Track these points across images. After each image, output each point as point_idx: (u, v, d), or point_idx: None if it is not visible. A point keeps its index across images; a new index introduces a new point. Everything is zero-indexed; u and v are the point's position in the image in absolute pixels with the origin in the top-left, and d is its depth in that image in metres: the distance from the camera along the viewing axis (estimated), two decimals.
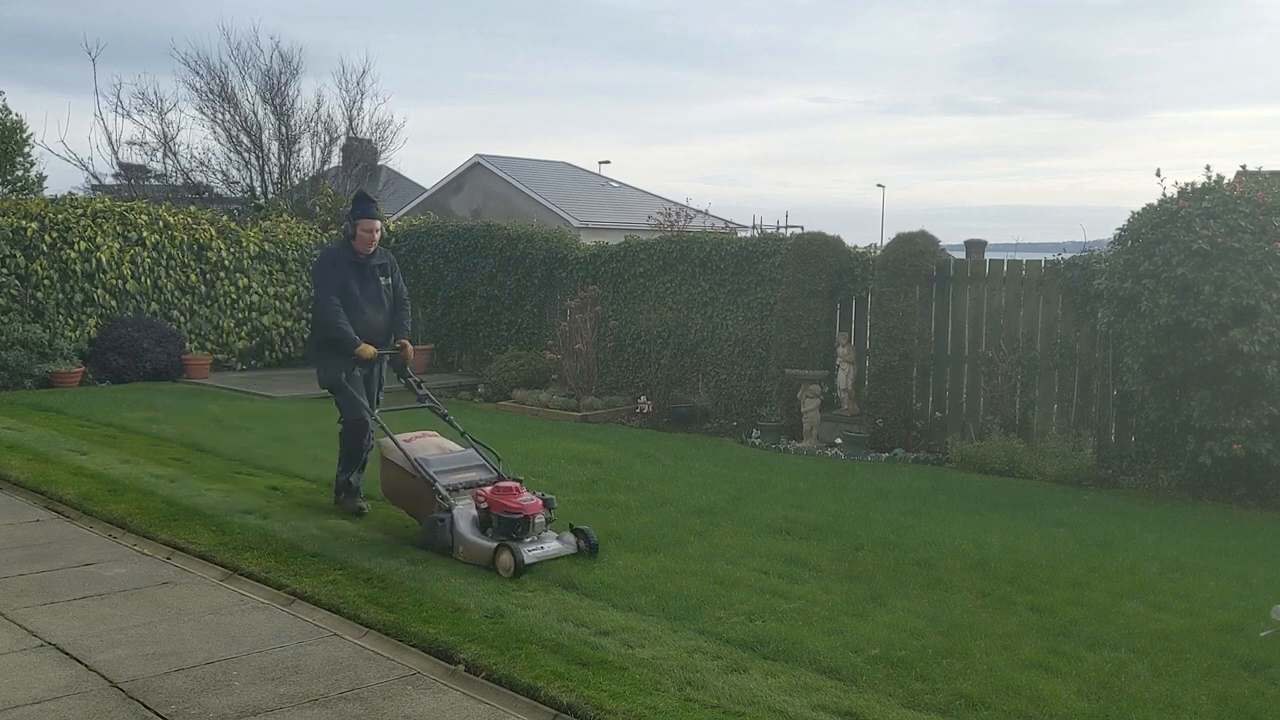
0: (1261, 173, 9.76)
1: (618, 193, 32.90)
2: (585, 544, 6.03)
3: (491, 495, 6.01)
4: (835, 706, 4.19)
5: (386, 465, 6.63)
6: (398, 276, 7.29)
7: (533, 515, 5.90)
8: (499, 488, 6.10)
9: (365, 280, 6.99)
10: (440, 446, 6.65)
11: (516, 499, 5.96)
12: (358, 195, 7.25)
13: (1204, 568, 6.35)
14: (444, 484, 6.19)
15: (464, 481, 6.30)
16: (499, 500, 5.96)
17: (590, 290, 13.14)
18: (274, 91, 20.57)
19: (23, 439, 9.31)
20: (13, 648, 4.71)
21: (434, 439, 6.75)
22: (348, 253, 6.98)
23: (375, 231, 6.98)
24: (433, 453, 6.52)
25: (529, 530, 5.86)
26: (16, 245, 12.92)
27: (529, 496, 6.04)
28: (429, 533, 6.07)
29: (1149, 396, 8.89)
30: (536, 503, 5.99)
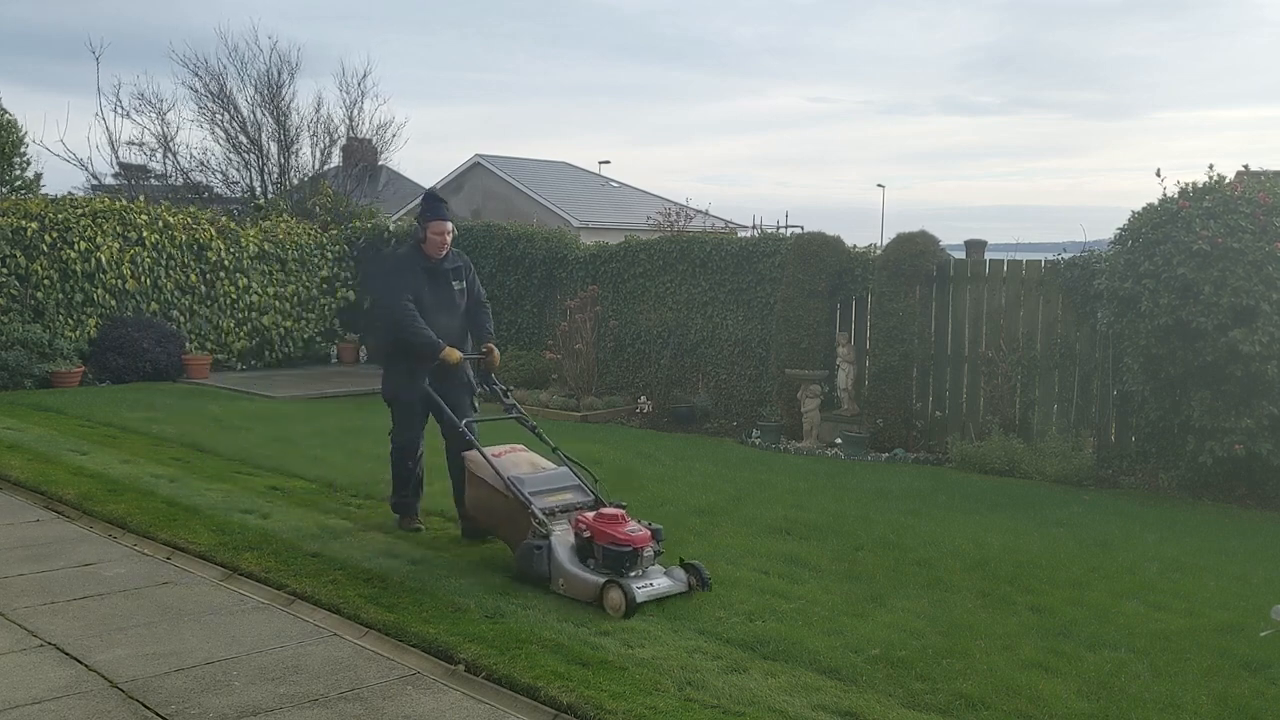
0: (1263, 173, 9.76)
1: (618, 193, 32.90)
2: (697, 580, 5.45)
3: (595, 523, 5.43)
4: (835, 706, 4.19)
5: (475, 482, 6.09)
6: (473, 278, 6.80)
7: (641, 548, 5.32)
8: (603, 515, 5.50)
9: (438, 285, 6.52)
10: (533, 463, 6.13)
11: (623, 528, 5.38)
12: (427, 196, 6.75)
13: (1204, 568, 6.35)
14: (540, 507, 5.66)
15: (560, 505, 5.77)
16: (604, 529, 5.39)
17: (590, 290, 13.14)
18: (272, 93, 20.58)
19: (23, 439, 9.31)
20: (13, 648, 4.71)
21: (525, 454, 6.21)
22: (418, 258, 6.51)
23: (447, 234, 6.52)
24: (525, 470, 5.99)
25: (637, 564, 5.30)
26: (16, 245, 12.93)
27: (636, 526, 5.45)
28: (523, 561, 5.53)
29: (1149, 396, 8.89)
30: (645, 534, 5.40)
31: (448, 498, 7.44)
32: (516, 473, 5.90)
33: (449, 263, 6.61)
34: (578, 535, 5.51)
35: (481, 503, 6.07)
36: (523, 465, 6.06)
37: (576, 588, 5.32)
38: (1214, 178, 8.72)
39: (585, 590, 5.28)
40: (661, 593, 5.29)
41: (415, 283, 6.43)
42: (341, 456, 8.93)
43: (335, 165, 22.13)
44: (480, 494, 6.05)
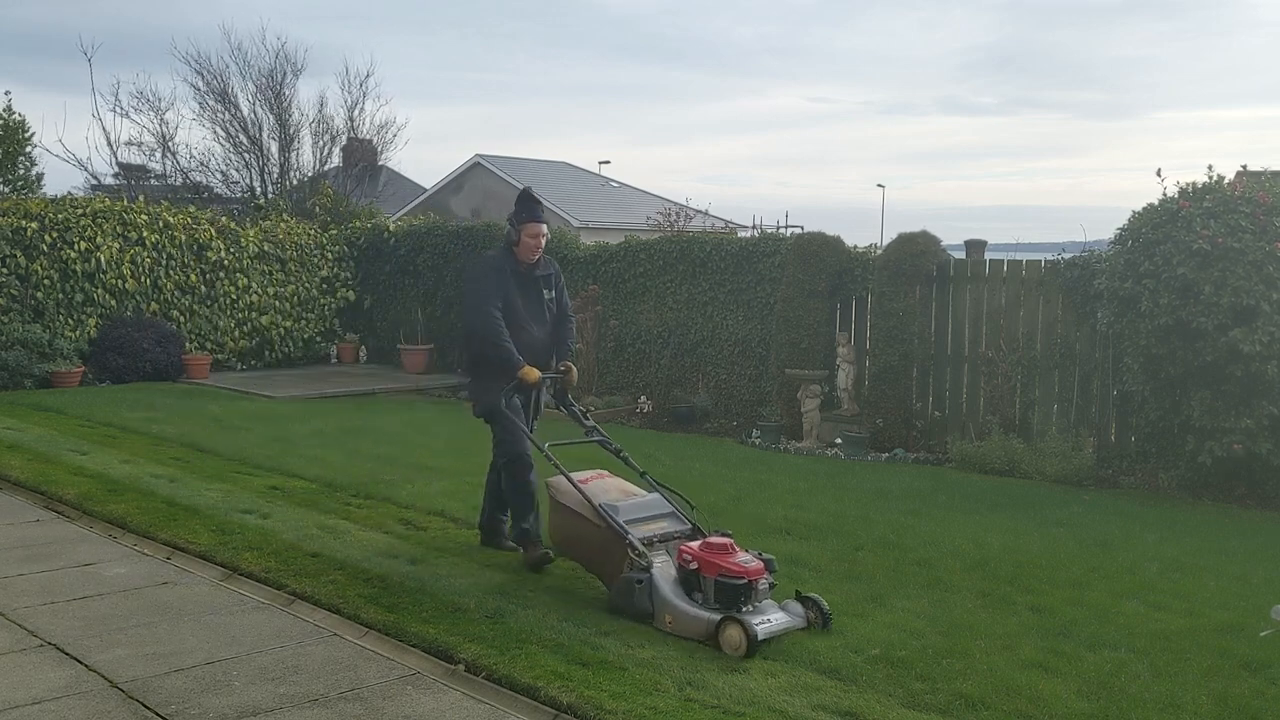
0: (1263, 173, 9.76)
1: (618, 193, 32.91)
2: (817, 615, 5.01)
3: (703, 554, 5.00)
4: (835, 706, 4.19)
5: (559, 510, 5.64)
6: (562, 288, 6.35)
7: (756, 580, 4.90)
8: (710, 544, 5.05)
9: (529, 293, 6.09)
10: (623, 489, 5.67)
11: (735, 559, 4.95)
12: (522, 195, 6.23)
13: (1204, 568, 6.35)
14: (637, 537, 5.22)
15: (657, 534, 5.34)
16: (714, 560, 4.95)
17: (590, 290, 13.13)
18: (274, 92, 20.60)
19: (23, 439, 9.31)
20: (13, 648, 4.71)
21: (613, 480, 5.77)
22: (509, 261, 6.06)
23: (542, 237, 6.06)
24: (616, 497, 5.54)
25: (751, 597, 4.89)
26: (16, 245, 12.93)
27: (747, 556, 5.01)
28: (622, 596, 5.12)
29: (1149, 396, 8.89)
30: (758, 565, 4.96)
31: (447, 498, 7.45)
32: (607, 499, 5.45)
33: (540, 269, 6.18)
34: (682, 567, 5.07)
35: (568, 532, 5.60)
36: (612, 491, 5.60)
37: (686, 625, 4.88)
38: (1214, 178, 8.73)
39: (697, 628, 4.85)
40: (780, 629, 4.85)
41: (506, 288, 6.00)
42: (341, 456, 8.93)
43: (335, 165, 22.15)
44: (566, 522, 5.59)
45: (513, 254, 6.08)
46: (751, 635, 4.64)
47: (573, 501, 5.53)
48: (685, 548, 5.12)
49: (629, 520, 5.33)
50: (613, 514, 5.34)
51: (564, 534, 5.69)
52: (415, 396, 13.57)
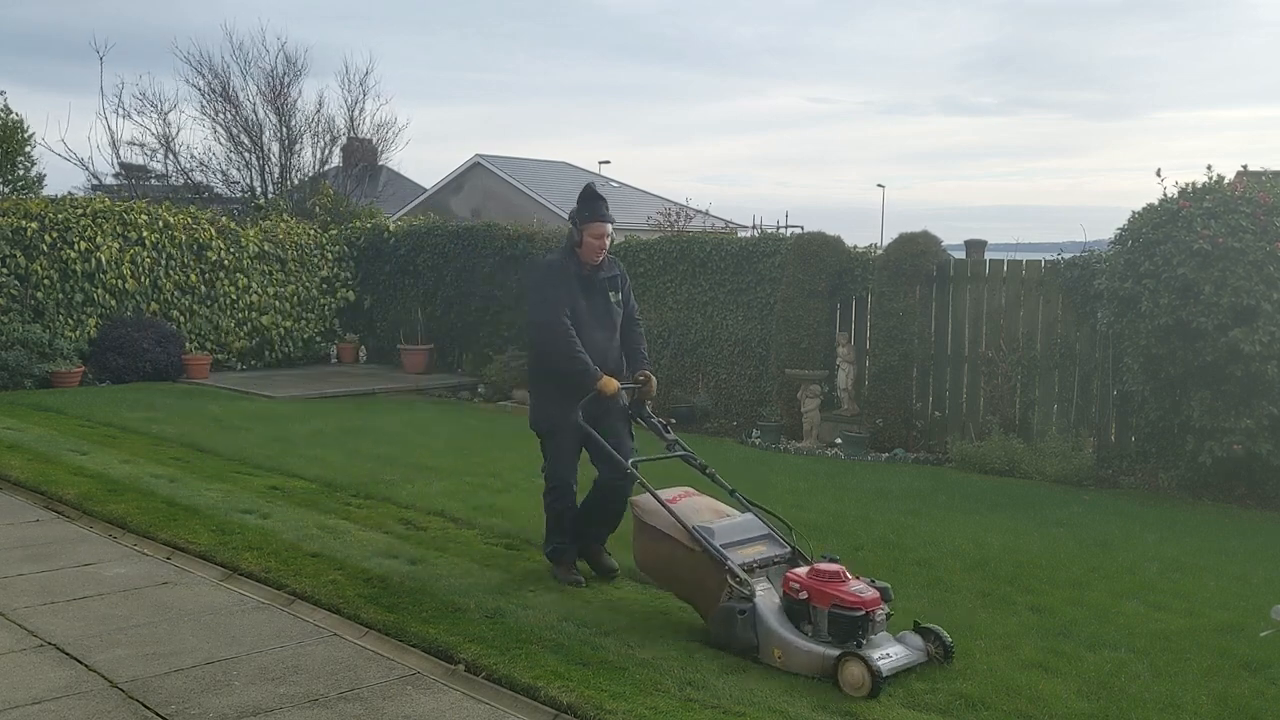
0: (1263, 172, 9.76)
1: (618, 193, 32.88)
2: (938, 647, 4.63)
3: (814, 582, 4.64)
4: (836, 707, 4.19)
5: (646, 532, 5.19)
6: (628, 291, 5.95)
7: (873, 611, 4.53)
8: (820, 571, 4.67)
9: (594, 297, 5.69)
10: (714, 509, 5.23)
11: (848, 588, 4.59)
12: (585, 193, 5.79)
13: (1204, 568, 6.35)
14: (737, 562, 4.83)
15: (757, 559, 4.93)
16: (827, 590, 4.58)
17: None
18: (276, 92, 20.60)
19: (23, 439, 9.31)
20: (13, 648, 4.71)
21: (702, 499, 5.31)
22: (572, 263, 5.66)
23: (606, 237, 5.64)
24: (709, 518, 5.09)
25: (868, 630, 4.51)
26: (16, 245, 12.92)
27: (861, 584, 4.64)
28: (722, 628, 4.71)
29: (1149, 396, 8.89)
30: (874, 594, 4.59)
31: (448, 498, 7.45)
32: (700, 521, 5.02)
33: (605, 271, 5.76)
34: (788, 595, 4.69)
35: (656, 556, 5.17)
36: (704, 512, 5.14)
37: (799, 660, 4.51)
38: (1214, 178, 8.73)
39: (812, 664, 4.47)
40: (902, 664, 4.48)
41: (571, 293, 5.59)
42: (341, 456, 8.93)
43: (335, 165, 22.14)
44: (654, 547, 5.15)
45: (575, 256, 5.68)
46: (876, 673, 4.27)
47: (662, 523, 5.07)
48: (793, 575, 4.73)
49: (725, 544, 4.89)
50: (707, 537, 4.89)
51: (651, 558, 5.22)
52: (415, 396, 13.56)
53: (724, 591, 4.78)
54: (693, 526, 4.97)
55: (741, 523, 5.16)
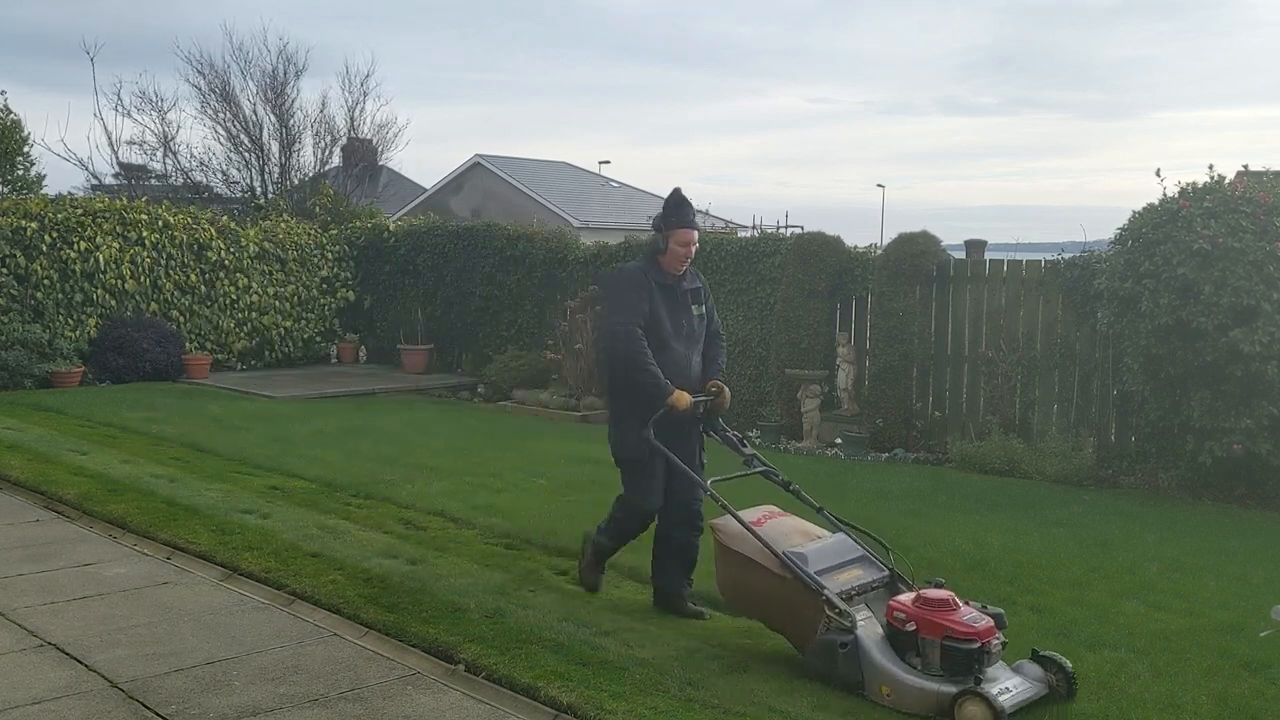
0: (1264, 172, 9.77)
1: (618, 193, 32.92)
2: (1060, 677, 4.26)
3: (922, 611, 4.24)
4: (836, 706, 4.19)
5: (730, 558, 4.80)
6: (712, 305, 5.63)
7: (989, 642, 4.16)
8: (928, 599, 4.27)
9: (676, 309, 5.30)
10: (802, 530, 4.84)
11: (960, 617, 4.21)
12: (673, 198, 5.36)
13: (1204, 568, 6.35)
14: (834, 591, 4.46)
15: (855, 585, 4.55)
16: (937, 620, 4.20)
17: (590, 290, 13.13)
18: (275, 92, 20.60)
19: (23, 439, 9.31)
20: (13, 648, 4.71)
21: (789, 520, 4.91)
22: (654, 272, 5.27)
23: (693, 245, 5.31)
24: (798, 541, 4.70)
25: (984, 663, 4.15)
26: (16, 245, 12.92)
27: (973, 612, 4.26)
28: (822, 661, 4.36)
29: (1149, 396, 8.89)
30: (988, 623, 4.23)
31: (448, 498, 7.45)
32: (790, 545, 4.63)
33: (688, 282, 5.42)
34: (892, 625, 4.30)
35: (743, 584, 4.77)
36: (793, 535, 4.76)
37: (911, 698, 4.15)
38: (1214, 178, 8.73)
39: (926, 701, 4.12)
40: (1024, 699, 4.15)
41: (650, 306, 5.21)
42: (341, 456, 8.93)
43: (335, 165, 22.15)
44: (740, 573, 4.76)
45: (657, 265, 5.30)
46: (1000, 711, 3.93)
47: (748, 549, 4.67)
48: (897, 604, 4.33)
49: (820, 570, 4.52)
50: (800, 563, 4.51)
51: (737, 586, 4.83)
52: (415, 396, 13.56)
53: (821, 622, 4.40)
54: (782, 552, 4.55)
55: (834, 545, 4.74)
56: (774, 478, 5.09)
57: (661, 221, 5.31)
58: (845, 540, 4.80)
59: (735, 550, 4.75)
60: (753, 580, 4.70)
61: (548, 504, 7.39)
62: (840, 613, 4.35)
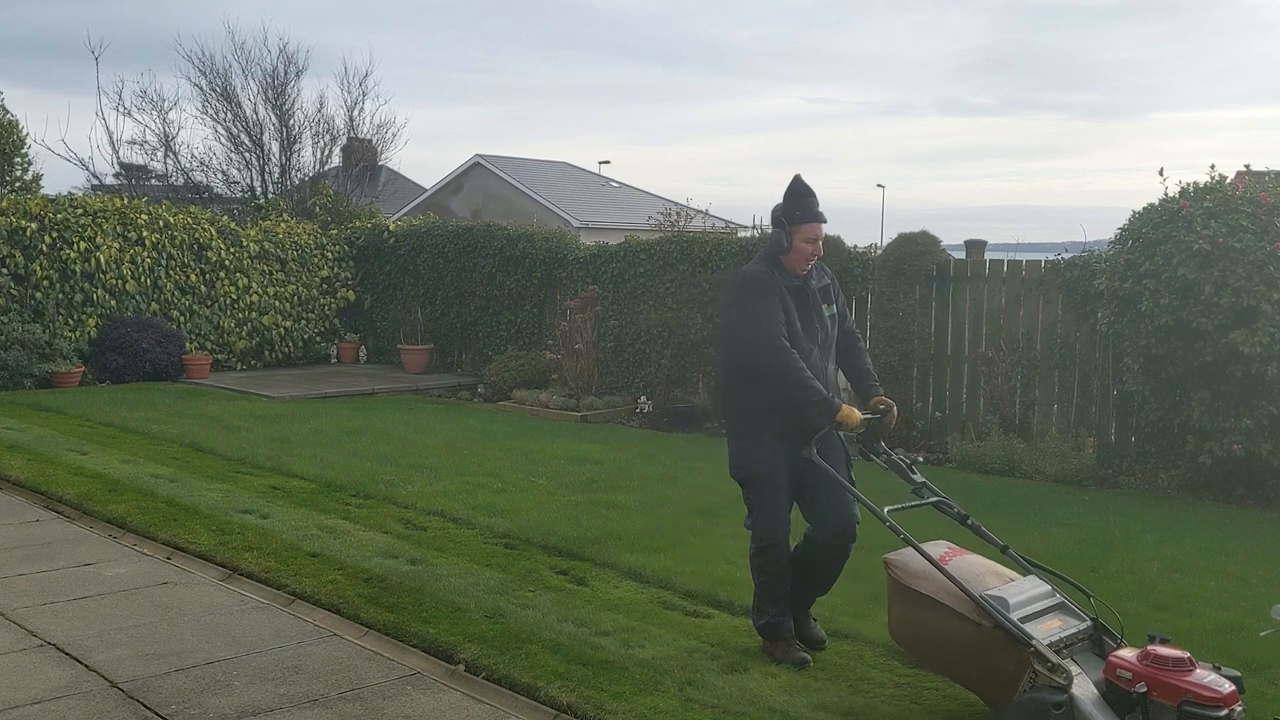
0: (1267, 173, 9.77)
1: (618, 193, 32.91)
2: None
3: (1154, 671, 3.68)
4: (836, 706, 4.19)
5: (910, 599, 4.21)
6: (844, 303, 5.00)
7: (1233, 708, 3.65)
8: (1159, 657, 3.70)
9: (809, 312, 4.74)
10: (993, 570, 4.21)
11: (1202, 679, 3.65)
12: (796, 187, 4.78)
13: (1204, 568, 6.35)
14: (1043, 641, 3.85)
15: (1061, 636, 3.95)
16: (1175, 682, 3.63)
17: (590, 290, 13.13)
18: (276, 92, 20.60)
19: (23, 439, 9.31)
20: (13, 648, 4.71)
21: (975, 558, 4.28)
22: (779, 274, 4.71)
23: (820, 240, 4.76)
24: (993, 583, 4.09)
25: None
26: (16, 245, 12.91)
27: (1210, 674, 3.69)
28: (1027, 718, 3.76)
29: (1149, 396, 8.89)
30: (1231, 687, 3.68)
31: (447, 498, 7.45)
32: (984, 587, 4.04)
33: (817, 280, 4.82)
34: (1115, 684, 3.74)
35: (927, 631, 4.18)
36: (985, 575, 4.15)
37: None
38: (1215, 177, 8.73)
39: None
40: None
41: (782, 308, 4.65)
42: (341, 456, 8.92)
43: (335, 165, 22.15)
44: (923, 618, 4.16)
45: (780, 265, 4.73)
46: None
47: (935, 590, 4.09)
48: (1121, 661, 3.76)
49: (1024, 617, 3.93)
50: (1002, 610, 3.91)
51: (917, 633, 4.26)
52: (415, 396, 13.56)
53: (1025, 677, 3.83)
54: (980, 596, 3.96)
55: (1029, 588, 4.14)
56: (948, 509, 4.50)
57: (784, 215, 4.72)
58: (1039, 584, 4.21)
59: (917, 590, 4.15)
60: (939, 626, 4.09)
61: (548, 504, 7.39)
62: (1052, 667, 3.76)
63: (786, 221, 4.71)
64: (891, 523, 4.31)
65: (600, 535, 6.50)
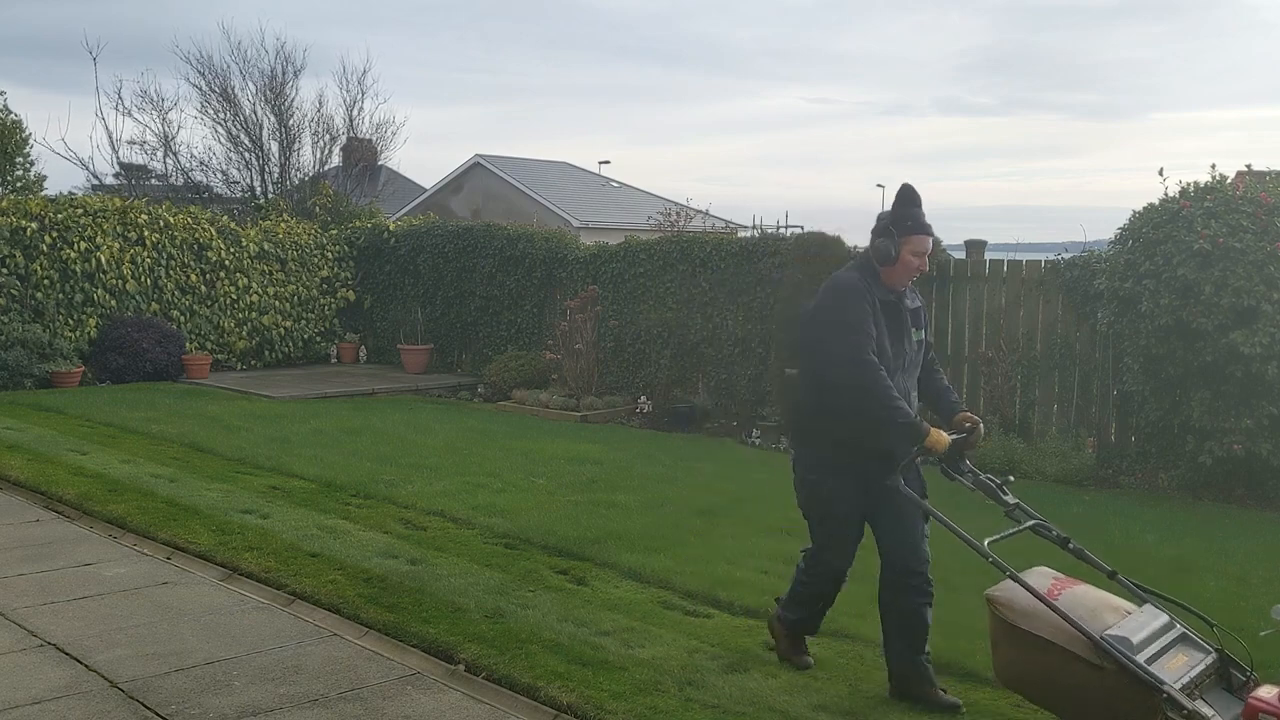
0: (1269, 173, 9.77)
1: (618, 193, 32.90)
2: None
3: None
4: (837, 707, 4.19)
5: (1018, 640, 3.82)
6: (929, 328, 4.69)
7: None
8: None
9: (899, 331, 4.39)
10: (1108, 604, 3.89)
11: None
12: (906, 194, 4.44)
13: (1204, 568, 6.35)
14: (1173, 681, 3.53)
15: (1189, 675, 3.62)
16: None
17: (590, 290, 13.13)
18: (274, 91, 20.60)
19: (23, 439, 9.30)
20: (13, 648, 4.71)
21: (1086, 589, 3.96)
22: (875, 286, 4.34)
23: (928, 255, 4.44)
24: (1109, 618, 3.76)
25: None
26: (16, 245, 12.91)
27: None
28: None
29: (1149, 396, 8.89)
30: None
31: (447, 498, 7.45)
32: (1105, 626, 3.69)
33: (910, 300, 4.49)
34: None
35: (1038, 674, 3.81)
36: (1102, 610, 3.79)
37: None
38: (1215, 177, 8.73)
39: None
40: None
41: (876, 327, 4.30)
42: (341, 456, 8.92)
43: (335, 165, 22.15)
44: (1034, 661, 3.78)
45: (877, 277, 4.36)
46: None
47: (1048, 630, 3.72)
48: (1263, 703, 3.40)
49: (1149, 657, 3.61)
50: (1125, 651, 3.57)
51: (1028, 676, 3.87)
52: (415, 396, 13.56)
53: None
54: (1101, 636, 3.62)
55: (1148, 621, 3.79)
56: (1047, 533, 4.17)
57: (894, 223, 4.35)
58: (1158, 614, 3.86)
59: (1026, 631, 3.77)
60: (1053, 670, 3.72)
61: (548, 504, 7.39)
62: (1188, 716, 3.43)
63: (896, 231, 4.33)
64: (995, 558, 3.95)
65: (600, 535, 6.50)
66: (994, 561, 3.94)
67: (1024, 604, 3.79)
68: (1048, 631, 3.70)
